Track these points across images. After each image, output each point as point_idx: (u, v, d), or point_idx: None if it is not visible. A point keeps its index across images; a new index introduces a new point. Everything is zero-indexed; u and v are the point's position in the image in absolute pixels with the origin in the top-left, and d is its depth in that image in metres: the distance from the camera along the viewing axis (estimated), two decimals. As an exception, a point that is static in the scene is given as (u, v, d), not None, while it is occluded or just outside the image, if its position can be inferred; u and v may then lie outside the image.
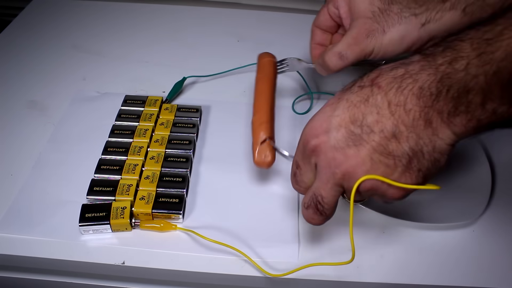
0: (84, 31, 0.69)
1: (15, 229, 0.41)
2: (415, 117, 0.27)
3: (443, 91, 0.26)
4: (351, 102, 0.29)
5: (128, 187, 0.43)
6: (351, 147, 0.29)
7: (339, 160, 0.29)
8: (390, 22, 0.40)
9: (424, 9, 0.39)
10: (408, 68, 0.28)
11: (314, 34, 0.48)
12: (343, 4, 0.43)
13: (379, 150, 0.28)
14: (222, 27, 0.71)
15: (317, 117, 0.31)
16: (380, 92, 0.28)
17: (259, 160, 0.40)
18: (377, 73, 0.29)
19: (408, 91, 0.27)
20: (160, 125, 0.50)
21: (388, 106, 0.28)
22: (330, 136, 0.30)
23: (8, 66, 0.61)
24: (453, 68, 0.25)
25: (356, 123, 0.29)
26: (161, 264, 0.40)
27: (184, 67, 0.61)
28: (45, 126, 0.52)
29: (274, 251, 0.41)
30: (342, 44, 0.42)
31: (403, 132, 0.28)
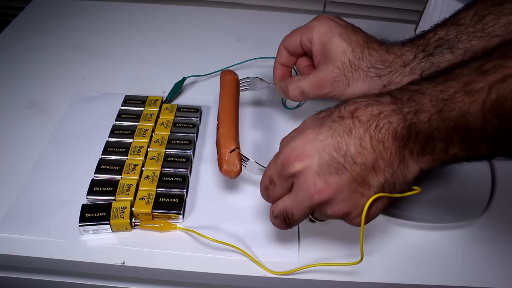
0: (84, 31, 0.69)
1: (15, 229, 0.41)
2: (391, 154, 0.30)
3: (412, 136, 0.29)
4: (334, 130, 0.31)
5: (128, 187, 0.43)
6: (333, 175, 0.30)
7: (319, 187, 0.31)
8: (356, 77, 0.43)
9: (387, 71, 0.42)
10: (382, 109, 0.30)
11: (280, 53, 0.48)
12: (317, 42, 0.44)
13: (357, 180, 0.30)
14: (222, 27, 0.71)
15: (299, 140, 0.32)
16: (362, 126, 0.30)
17: (228, 169, 0.40)
18: (355, 107, 0.31)
19: (385, 130, 0.29)
20: (160, 125, 0.50)
21: (370, 141, 0.30)
22: (313, 161, 0.31)
23: (8, 66, 0.61)
24: (418, 118, 0.29)
25: (339, 152, 0.30)
26: (161, 264, 0.40)
27: (184, 67, 0.61)
28: (45, 126, 0.52)
29: (274, 251, 0.41)
30: (306, 83, 0.44)
31: (381, 165, 0.30)
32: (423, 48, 0.42)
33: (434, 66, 0.41)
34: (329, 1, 0.82)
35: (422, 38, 0.43)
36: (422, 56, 0.42)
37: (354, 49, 0.42)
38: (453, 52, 0.41)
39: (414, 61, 0.42)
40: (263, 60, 0.63)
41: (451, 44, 0.41)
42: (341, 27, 0.43)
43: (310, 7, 0.84)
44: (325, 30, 0.43)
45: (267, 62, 0.63)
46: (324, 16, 0.45)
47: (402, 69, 0.42)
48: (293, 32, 0.47)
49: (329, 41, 0.43)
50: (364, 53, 0.42)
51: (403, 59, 0.42)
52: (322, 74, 0.43)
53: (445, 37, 0.41)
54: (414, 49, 0.42)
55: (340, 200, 0.31)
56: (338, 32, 0.43)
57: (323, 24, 0.44)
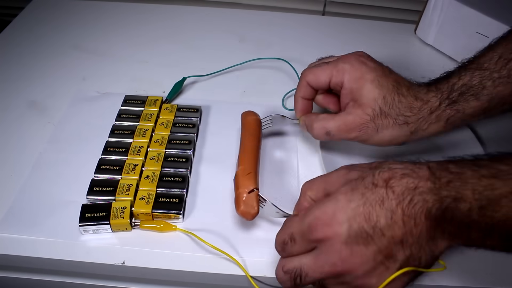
0: (84, 31, 0.69)
1: (15, 229, 0.41)
2: (422, 231, 0.29)
3: (447, 219, 0.28)
4: (366, 198, 0.30)
5: (128, 187, 0.43)
6: (360, 245, 0.30)
7: (344, 255, 0.30)
8: (385, 124, 0.42)
9: (415, 119, 0.41)
10: (418, 184, 0.29)
11: (302, 88, 0.46)
12: (348, 86, 0.42)
13: (384, 253, 0.30)
14: (223, 27, 0.71)
15: (330, 205, 0.31)
16: (395, 199, 0.29)
17: (245, 211, 0.39)
18: (390, 175, 0.30)
19: (419, 208, 0.29)
20: (160, 125, 0.50)
21: (402, 216, 0.29)
22: (342, 229, 0.30)
23: (8, 66, 0.61)
24: (456, 206, 0.27)
25: (369, 223, 0.29)
26: (161, 264, 0.40)
27: (184, 67, 0.61)
28: (45, 126, 0.52)
29: (273, 252, 0.41)
30: (333, 124, 0.43)
31: (409, 241, 0.29)
32: (448, 94, 0.41)
33: (459, 113, 0.41)
34: (329, 1, 0.82)
35: (446, 82, 0.41)
36: (447, 103, 0.41)
37: (385, 96, 0.41)
38: (478, 99, 0.40)
39: (439, 109, 0.41)
40: (263, 60, 0.63)
41: (476, 91, 0.40)
42: (373, 73, 0.42)
43: (310, 7, 0.84)
44: (357, 76, 0.42)
45: (267, 63, 0.63)
46: (355, 58, 0.43)
47: (429, 116, 0.41)
48: (319, 69, 0.44)
49: (361, 88, 0.42)
50: (394, 101, 0.41)
51: (429, 105, 0.41)
52: (351, 118, 0.42)
53: (469, 83, 0.40)
54: (439, 95, 0.41)
55: (364, 272, 0.30)
56: (370, 79, 0.41)
57: (356, 70, 0.42)
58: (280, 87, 0.60)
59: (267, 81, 0.61)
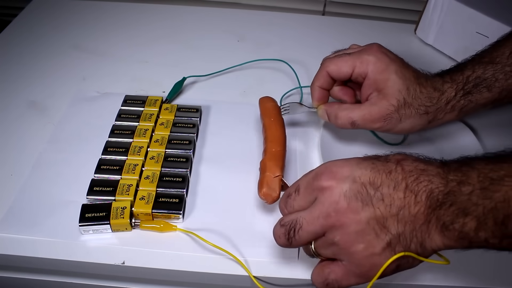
0: (84, 31, 0.69)
1: (15, 229, 0.41)
2: (419, 210, 0.30)
3: (446, 204, 0.29)
4: (375, 165, 0.32)
5: (128, 187, 0.43)
6: (358, 202, 0.31)
7: (340, 207, 0.31)
8: (408, 114, 0.43)
9: (434, 109, 0.43)
10: (428, 168, 0.31)
11: (321, 77, 0.46)
12: (372, 77, 0.43)
13: (378, 219, 0.30)
14: (222, 27, 0.71)
15: (341, 162, 0.33)
16: (402, 173, 0.31)
17: (267, 192, 0.40)
18: (403, 157, 0.32)
19: (423, 186, 0.30)
20: (160, 125, 0.50)
21: (404, 189, 0.30)
22: (345, 182, 0.31)
23: (8, 66, 0.61)
24: (459, 189, 0.29)
25: (373, 186, 0.31)
26: (161, 264, 0.40)
27: (184, 67, 0.61)
28: (45, 126, 0.52)
29: (274, 251, 0.41)
30: (358, 114, 0.44)
31: (405, 216, 0.30)
32: (463, 86, 0.43)
33: (472, 103, 0.43)
34: (329, 1, 0.82)
35: (460, 74, 0.43)
36: (461, 94, 0.43)
37: (409, 87, 0.42)
38: (491, 91, 0.43)
39: (454, 99, 0.43)
40: (262, 62, 0.63)
41: (489, 83, 0.43)
42: (395, 64, 0.43)
43: (310, 7, 0.84)
44: (382, 68, 0.42)
45: (267, 63, 0.63)
46: (377, 50, 0.43)
47: (445, 106, 0.43)
48: (341, 60, 0.44)
49: (386, 79, 0.42)
50: (416, 91, 0.42)
51: (446, 96, 0.43)
52: (376, 109, 0.43)
53: (482, 76, 0.43)
54: (454, 86, 0.43)
55: (353, 231, 0.30)
56: (394, 70, 0.42)
57: (380, 61, 0.43)
58: (280, 87, 0.60)
59: (267, 81, 0.61)
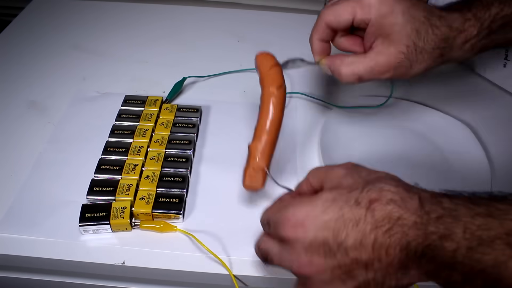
0: (84, 31, 0.69)
1: (15, 229, 0.41)
2: (393, 261, 0.27)
3: (427, 255, 0.26)
4: (342, 214, 0.29)
5: (128, 187, 0.43)
6: (320, 256, 0.29)
7: (302, 262, 0.30)
8: (420, 59, 0.39)
9: (449, 49, 0.39)
10: (403, 215, 0.27)
11: (319, 29, 0.42)
12: (376, 23, 0.39)
13: (343, 269, 0.28)
14: (222, 27, 0.71)
15: (305, 208, 0.30)
16: (372, 223, 0.27)
17: (249, 185, 0.40)
18: (376, 196, 0.28)
19: (396, 239, 0.27)
20: (160, 125, 0.50)
21: (373, 242, 0.27)
22: (306, 236, 0.29)
23: (8, 66, 0.61)
24: (441, 244, 0.25)
25: (336, 240, 0.28)
26: (161, 264, 0.40)
27: (184, 67, 0.61)
28: (45, 126, 0.52)
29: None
30: (363, 67, 0.39)
31: (375, 266, 0.28)
32: (488, 24, 0.38)
33: (493, 42, 0.40)
34: (329, 1, 0.82)
35: (487, 10, 0.39)
36: (486, 33, 0.38)
37: (419, 29, 0.38)
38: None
39: (476, 37, 0.39)
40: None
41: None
42: (402, 3, 0.38)
43: (310, 7, 0.84)
44: (386, 11, 0.38)
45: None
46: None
47: (463, 44, 0.39)
48: (339, 7, 0.40)
49: (393, 23, 0.38)
50: (429, 33, 0.38)
51: (465, 34, 0.38)
52: (384, 59, 0.39)
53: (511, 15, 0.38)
54: (478, 24, 0.38)
55: (320, 281, 0.29)
56: (401, 11, 0.38)
57: (383, 3, 0.38)
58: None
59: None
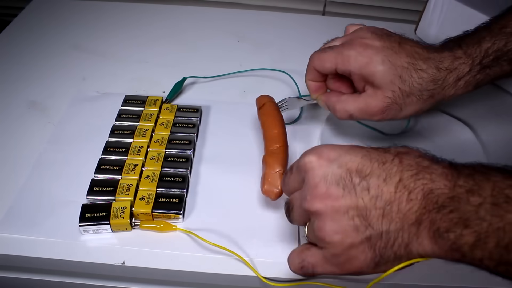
0: (84, 31, 0.69)
1: (15, 229, 0.41)
2: (411, 209, 0.26)
3: (446, 208, 0.25)
4: (368, 153, 0.29)
5: (128, 187, 0.43)
6: (338, 188, 0.28)
7: (318, 191, 0.28)
8: (408, 102, 0.40)
9: (440, 89, 0.39)
10: (432, 166, 0.27)
11: (310, 72, 0.45)
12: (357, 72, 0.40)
13: (359, 210, 0.27)
14: (222, 27, 0.71)
15: (333, 146, 0.30)
16: (399, 166, 0.27)
17: (268, 189, 0.40)
18: (405, 150, 0.29)
19: (421, 184, 0.26)
20: (160, 125, 0.50)
21: (397, 182, 0.27)
22: (329, 166, 0.28)
23: (8, 66, 0.61)
24: (467, 198, 0.25)
25: (359, 174, 0.28)
26: (161, 264, 0.40)
27: (184, 67, 0.61)
28: (45, 126, 0.52)
29: (274, 251, 0.41)
30: (355, 107, 0.41)
31: (392, 213, 0.27)
32: (480, 60, 0.39)
33: (489, 77, 0.39)
34: (329, 1, 0.82)
35: (477, 47, 0.39)
36: (478, 68, 0.39)
37: (402, 76, 0.39)
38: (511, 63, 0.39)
39: (469, 74, 0.39)
40: (263, 60, 0.63)
41: (510, 56, 0.39)
42: (381, 53, 0.39)
43: (310, 7, 0.84)
44: (365, 63, 0.39)
45: (267, 63, 0.63)
46: (358, 42, 0.40)
47: (456, 83, 0.39)
48: (324, 57, 0.42)
49: (373, 73, 0.39)
50: (413, 78, 0.39)
51: (456, 73, 0.39)
52: (373, 102, 0.40)
53: (504, 49, 0.38)
54: (469, 61, 0.39)
55: (330, 218, 0.28)
56: (380, 61, 0.39)
57: (361, 55, 0.39)
58: (280, 86, 0.60)
59: (267, 81, 0.61)
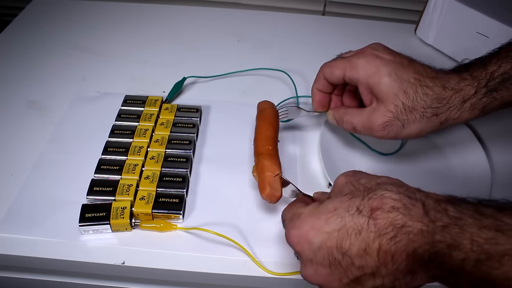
0: (84, 31, 0.69)
1: (15, 229, 0.41)
2: (399, 267, 0.27)
3: (435, 261, 0.26)
4: (344, 224, 0.29)
5: (128, 187, 0.43)
6: (325, 267, 0.30)
7: (309, 272, 0.31)
8: (412, 119, 0.40)
9: (445, 109, 0.39)
10: (407, 223, 0.27)
11: (319, 81, 0.46)
12: (364, 82, 0.41)
13: (351, 278, 0.29)
14: (222, 27, 0.71)
15: (310, 220, 0.31)
16: (375, 232, 0.28)
17: (270, 193, 0.40)
18: (378, 204, 0.28)
19: (401, 245, 0.27)
20: (160, 125, 0.50)
21: (378, 250, 0.27)
22: (311, 248, 0.30)
23: (8, 66, 0.61)
24: (449, 253, 0.25)
25: (340, 250, 0.29)
26: (161, 264, 0.40)
27: (184, 67, 0.61)
28: (45, 126, 0.52)
29: (274, 251, 0.41)
30: (358, 121, 0.42)
31: (382, 272, 0.28)
32: (486, 82, 0.38)
33: (496, 101, 0.39)
34: (329, 1, 0.82)
35: (483, 69, 0.39)
36: (484, 91, 0.38)
37: (407, 90, 0.39)
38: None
39: (475, 97, 0.38)
40: (263, 60, 0.63)
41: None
42: (389, 66, 0.40)
43: (310, 7, 0.84)
44: (372, 72, 0.40)
45: (267, 63, 0.63)
46: (369, 52, 0.41)
47: (461, 104, 0.39)
48: (334, 64, 0.43)
49: (378, 83, 0.40)
50: (418, 93, 0.39)
51: (462, 94, 0.39)
52: (375, 116, 0.41)
53: (511, 72, 0.38)
54: (475, 83, 0.38)
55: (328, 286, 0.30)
56: (387, 73, 0.39)
57: (369, 64, 0.40)
58: (280, 86, 0.60)
59: (267, 81, 0.61)
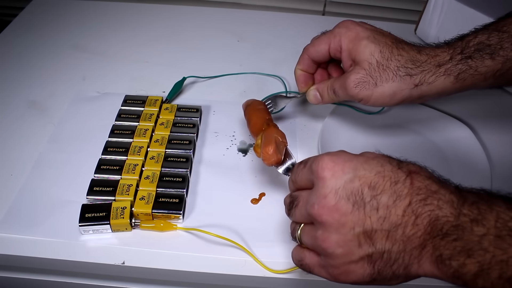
0: (84, 31, 0.69)
1: (15, 229, 0.41)
2: (415, 233, 0.27)
3: (450, 236, 0.26)
4: (383, 170, 0.29)
5: (128, 187, 0.43)
6: (348, 203, 0.28)
7: (327, 203, 0.29)
8: (384, 77, 0.41)
9: (419, 71, 0.40)
10: (440, 191, 0.27)
11: (303, 62, 0.47)
12: (345, 48, 0.43)
13: (365, 229, 0.28)
14: (222, 27, 0.71)
15: (349, 156, 0.30)
16: (410, 188, 0.27)
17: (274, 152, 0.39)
18: (416, 169, 0.29)
19: (428, 210, 0.27)
20: (160, 125, 0.50)
21: (406, 206, 0.27)
22: (342, 178, 0.29)
23: (8, 66, 0.61)
24: (471, 227, 0.25)
25: (371, 191, 0.28)
26: (161, 264, 0.40)
27: (184, 67, 0.61)
28: (45, 126, 0.52)
29: (274, 251, 0.41)
30: (337, 84, 0.45)
31: (397, 236, 0.27)
32: (461, 50, 0.40)
33: (471, 69, 0.39)
34: (329, 1, 0.82)
35: (460, 40, 0.41)
36: (459, 58, 0.39)
37: (382, 50, 0.41)
38: (494, 59, 0.39)
39: (450, 62, 0.40)
40: (263, 60, 0.63)
41: (492, 50, 0.39)
42: (368, 31, 0.42)
43: (310, 7, 0.84)
44: (353, 36, 0.42)
45: (267, 63, 0.63)
46: (349, 22, 0.44)
47: (436, 69, 0.40)
48: (318, 41, 0.45)
49: (357, 46, 0.42)
50: (393, 53, 0.41)
51: (437, 59, 0.40)
52: (350, 75, 0.42)
53: (486, 42, 0.39)
54: (450, 50, 0.40)
55: (335, 232, 0.28)
56: (366, 36, 0.42)
57: (350, 30, 0.43)
58: (280, 86, 0.60)
59: (267, 81, 0.61)
